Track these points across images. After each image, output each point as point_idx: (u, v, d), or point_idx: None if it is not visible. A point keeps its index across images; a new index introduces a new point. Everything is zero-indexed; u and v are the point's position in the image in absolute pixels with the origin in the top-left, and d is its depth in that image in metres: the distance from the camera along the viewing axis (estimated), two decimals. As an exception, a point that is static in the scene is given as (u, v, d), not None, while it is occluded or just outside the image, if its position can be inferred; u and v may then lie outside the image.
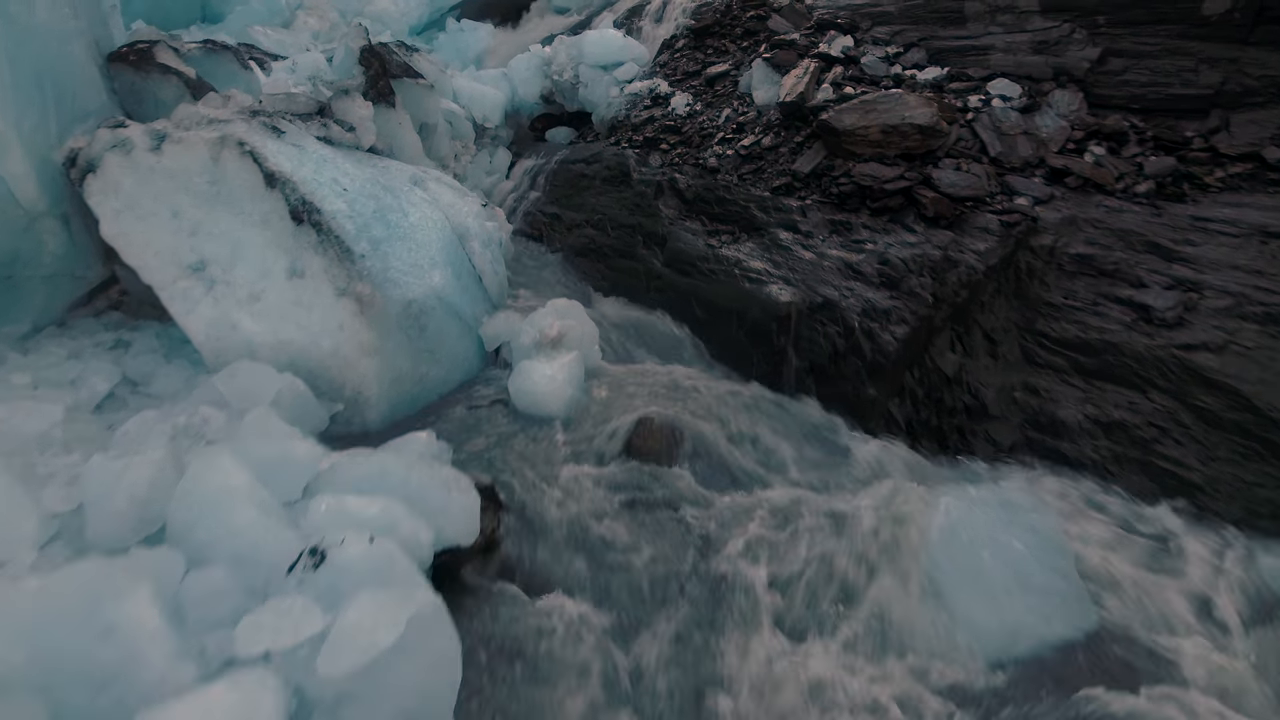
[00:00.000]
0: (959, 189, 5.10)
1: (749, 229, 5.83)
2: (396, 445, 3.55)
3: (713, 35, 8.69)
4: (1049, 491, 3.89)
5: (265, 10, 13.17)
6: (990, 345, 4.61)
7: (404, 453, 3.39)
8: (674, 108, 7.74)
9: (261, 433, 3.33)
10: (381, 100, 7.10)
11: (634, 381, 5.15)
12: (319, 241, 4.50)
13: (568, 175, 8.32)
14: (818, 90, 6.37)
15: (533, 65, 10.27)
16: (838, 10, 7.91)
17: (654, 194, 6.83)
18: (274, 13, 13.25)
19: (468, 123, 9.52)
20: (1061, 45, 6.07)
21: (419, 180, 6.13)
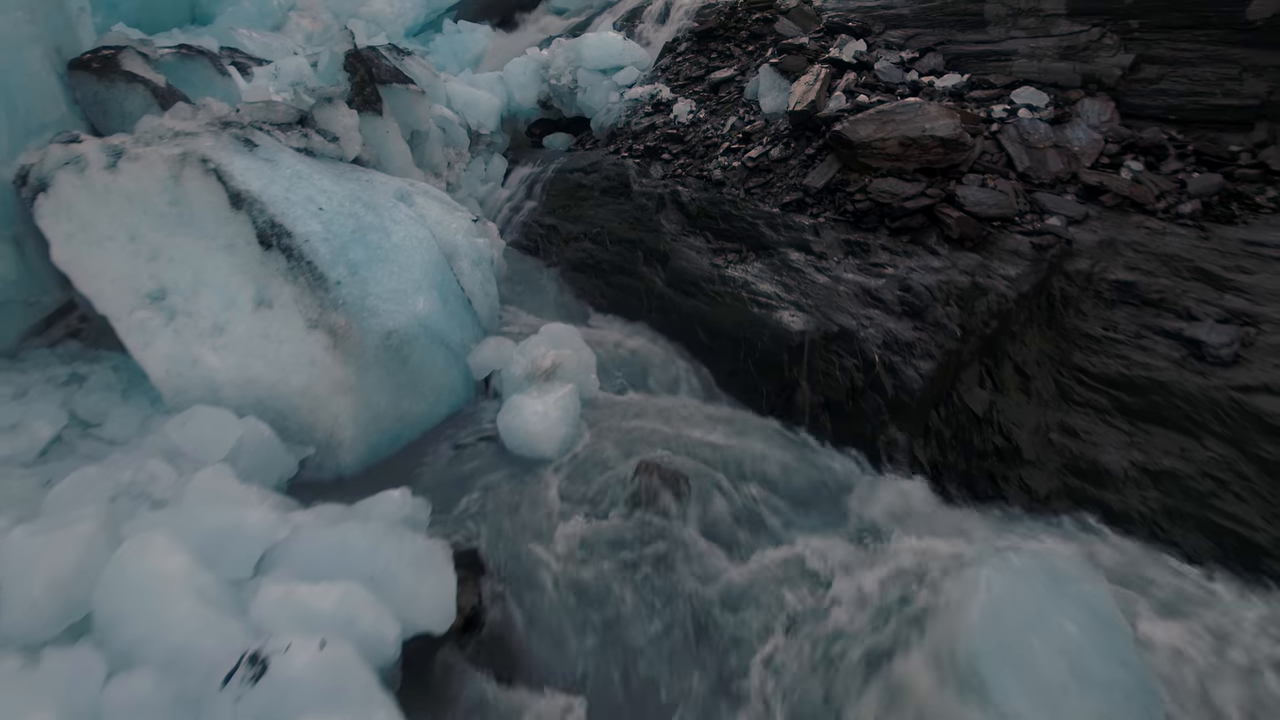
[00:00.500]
0: (985, 208, 4.67)
1: (757, 248, 5.41)
2: (366, 508, 3.13)
3: (717, 38, 8.26)
4: (1095, 552, 3.47)
5: (256, 12, 12.74)
6: (1023, 380, 4.19)
7: (372, 519, 2.97)
8: (676, 115, 7.31)
9: (211, 496, 2.91)
10: (368, 108, 6.68)
11: (634, 415, 4.73)
12: (289, 268, 4.08)
13: (565, 185, 7.90)
14: (829, 98, 5.94)
15: (529, 69, 9.84)
16: (848, 13, 7.48)
17: (655, 207, 6.40)
18: (265, 14, 12.82)
19: (462, 129, 9.09)
20: (1091, 51, 5.64)
21: (405, 195, 5.71)
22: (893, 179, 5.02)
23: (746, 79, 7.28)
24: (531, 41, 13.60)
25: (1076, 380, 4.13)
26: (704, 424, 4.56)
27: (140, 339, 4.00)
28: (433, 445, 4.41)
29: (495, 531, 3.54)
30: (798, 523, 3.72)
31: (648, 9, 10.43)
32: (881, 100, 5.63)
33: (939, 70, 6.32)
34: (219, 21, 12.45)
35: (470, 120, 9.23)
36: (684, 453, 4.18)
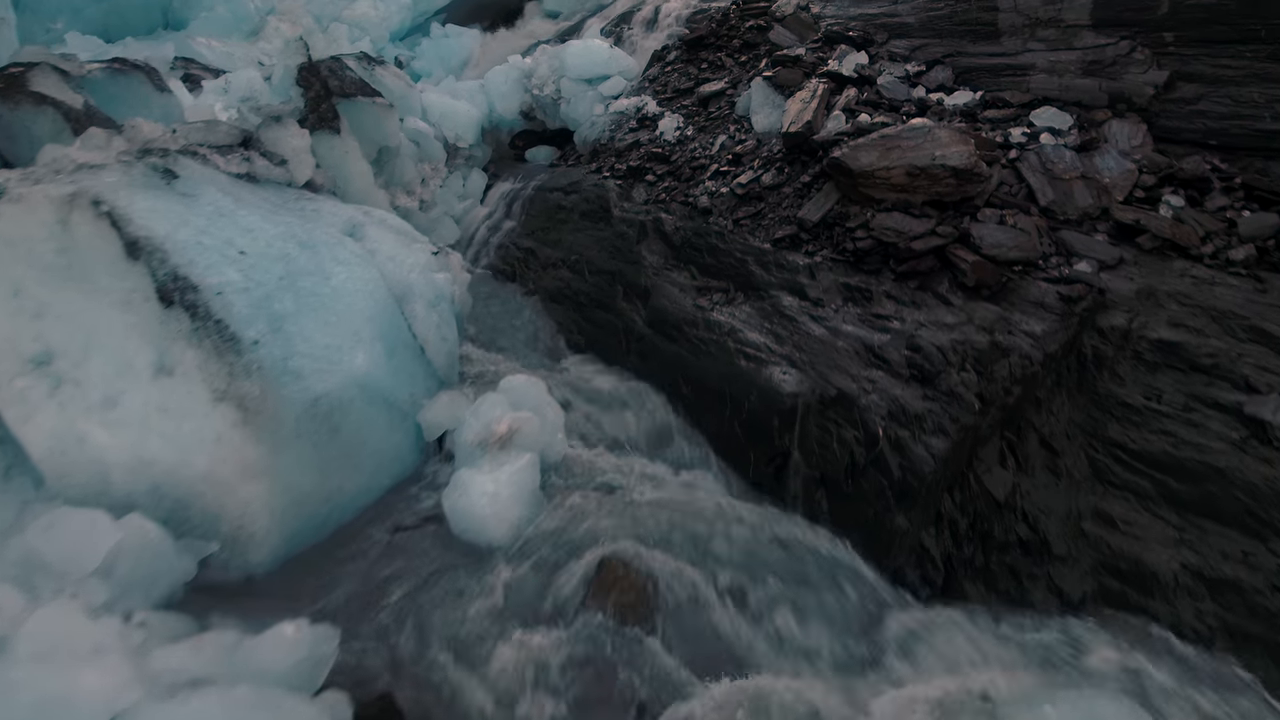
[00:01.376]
0: (1005, 250, 4.03)
1: (745, 288, 4.76)
2: (247, 654, 2.49)
3: (708, 47, 7.60)
4: (1146, 680, 2.83)
5: (231, 17, 12.10)
6: (1050, 457, 3.55)
7: (246, 680, 2.33)
8: (662, 132, 6.66)
9: (47, 648, 2.29)
10: (324, 126, 6.04)
11: (603, 485, 4.10)
12: (193, 329, 3.44)
13: (545, 205, 7.26)
14: (827, 118, 5.29)
15: (511, 78, 9.20)
16: (848, 20, 6.82)
17: (637, 236, 5.76)
18: (241, 19, 12.19)
19: (438, 143, 8.45)
20: (1119, 66, 4.98)
21: (356, 226, 5.06)
22: (898, 214, 4.37)
23: (738, 92, 6.62)
24: (520, 46, 12.95)
25: (1113, 458, 3.49)
26: (682, 499, 3.93)
27: (20, 411, 3.37)
28: (368, 527, 3.78)
29: (419, 656, 2.91)
30: (786, 639, 3.08)
31: (637, 14, 9.77)
32: (886, 122, 4.98)
33: (948, 86, 5.66)
34: (193, 27, 11.82)
35: (448, 133, 8.58)
36: (656, 537, 3.54)
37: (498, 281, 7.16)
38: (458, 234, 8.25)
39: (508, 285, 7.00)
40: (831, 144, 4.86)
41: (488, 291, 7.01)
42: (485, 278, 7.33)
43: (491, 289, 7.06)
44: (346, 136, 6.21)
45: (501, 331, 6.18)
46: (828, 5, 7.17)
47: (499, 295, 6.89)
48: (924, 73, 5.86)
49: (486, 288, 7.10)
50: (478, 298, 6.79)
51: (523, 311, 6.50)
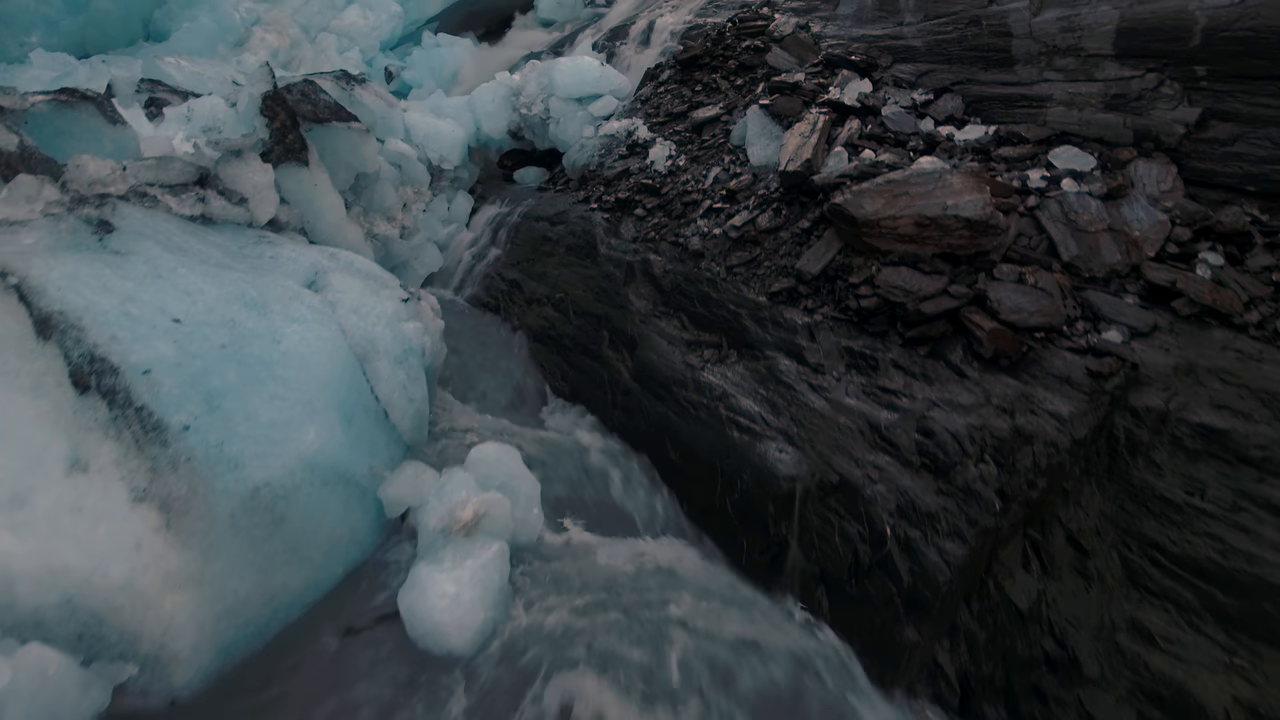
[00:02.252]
0: (1025, 315, 3.59)
1: (739, 345, 4.33)
2: None
3: (702, 67, 7.15)
4: None
5: (216, 27, 11.65)
6: (1079, 557, 3.12)
7: None
8: (653, 161, 6.22)
9: None
10: (290, 158, 5.60)
11: (581, 575, 3.68)
12: (111, 418, 3.02)
13: (531, 234, 6.83)
14: (828, 154, 4.85)
15: (499, 96, 8.75)
16: (850, 42, 6.37)
17: (624, 278, 5.33)
18: (226, 30, 11.74)
19: (421, 165, 8.01)
20: (1145, 101, 4.54)
21: (319, 273, 4.63)
22: (906, 269, 3.94)
23: (733, 119, 6.18)
24: (513, 57, 12.52)
25: (1150, 560, 3.06)
26: (668, 593, 3.51)
27: (-85, 511, 2.94)
28: (316, 627, 3.36)
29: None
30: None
31: (630, 28, 9.32)
32: (893, 164, 4.53)
33: (958, 117, 5.22)
34: (176, 38, 11.37)
35: (432, 154, 8.15)
36: (634, 662, 3.12)
37: (481, 314, 6.74)
38: (441, 261, 7.83)
39: (491, 319, 6.58)
40: (833, 187, 4.42)
41: (470, 326, 6.59)
42: (468, 310, 6.92)
43: (474, 323, 6.65)
44: (315, 168, 5.77)
45: (482, 374, 5.76)
46: (828, 25, 6.72)
47: (481, 330, 6.47)
48: (932, 102, 5.41)
49: (469, 321, 6.69)
50: (459, 332, 6.38)
51: (505, 351, 6.08)
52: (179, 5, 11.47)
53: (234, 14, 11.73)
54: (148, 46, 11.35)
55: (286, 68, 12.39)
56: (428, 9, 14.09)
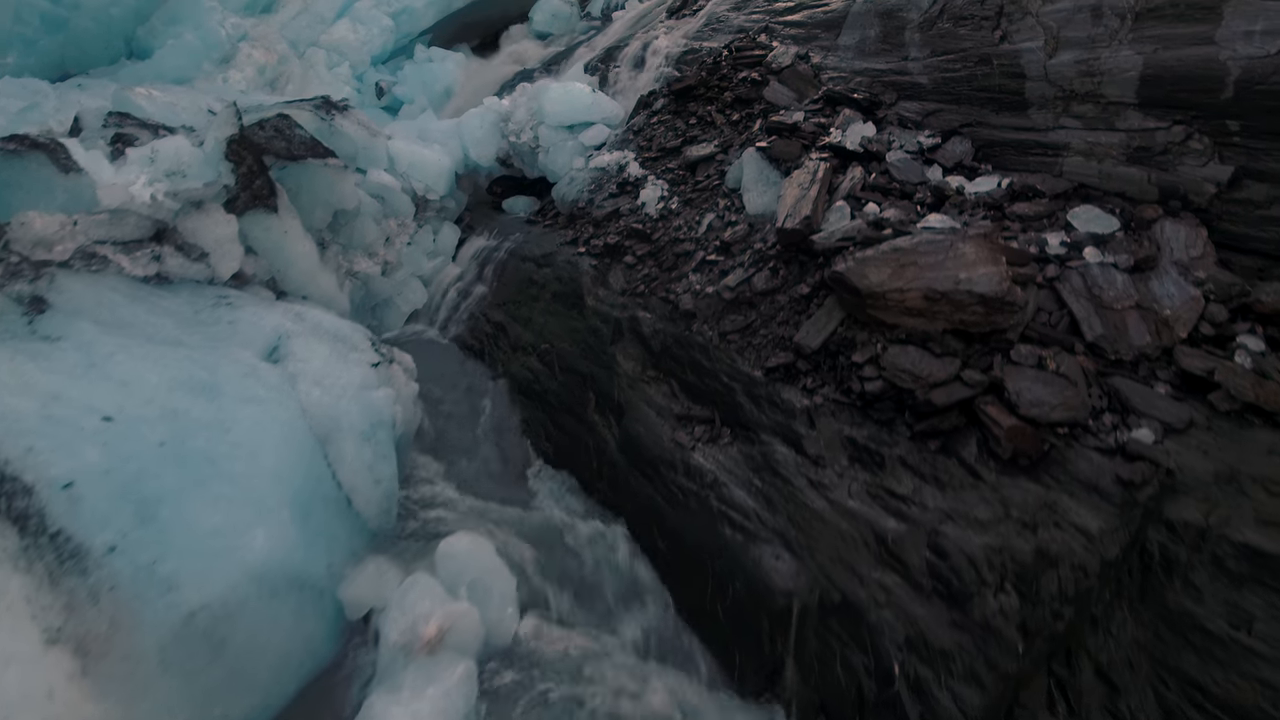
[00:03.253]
0: (1047, 408, 3.22)
1: (732, 423, 3.97)
2: None
3: (697, 98, 6.77)
4: None
5: (201, 45, 11.27)
6: (1110, 694, 2.76)
7: None
8: (644, 203, 5.85)
9: None
10: (258, 205, 5.23)
11: (559, 688, 3.32)
12: (21, 546, 2.66)
13: (518, 274, 6.46)
14: (829, 208, 4.48)
15: (488, 122, 8.37)
16: (852, 75, 5.99)
17: (611, 335, 4.96)
18: (211, 46, 11.35)
19: (406, 196, 7.64)
20: (1172, 156, 4.16)
21: (282, 338, 4.27)
22: (914, 349, 3.57)
23: (729, 159, 5.80)
24: (506, 74, 12.14)
25: (1190, 701, 2.70)
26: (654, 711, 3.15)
27: None
28: (261, 764, 2.99)
29: None
30: None
31: (624, 50, 8.93)
32: (899, 221, 4.16)
33: (967, 163, 4.84)
34: (159, 56, 11.00)
35: (416, 184, 7.77)
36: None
37: (464, 359, 6.38)
38: (425, 297, 7.47)
39: (474, 365, 6.22)
40: (834, 251, 4.05)
41: (452, 372, 6.23)
42: (451, 352, 6.55)
43: (457, 368, 6.29)
44: (286, 214, 5.40)
45: (460, 433, 5.39)
46: (829, 56, 6.34)
47: (463, 378, 6.11)
48: (939, 146, 5.04)
49: (451, 366, 6.33)
50: (441, 378, 6.02)
51: (487, 404, 5.71)
52: (162, 22, 11.09)
53: (220, 30, 11.35)
54: (130, 65, 10.99)
55: (274, 85, 12.03)
56: (420, 22, 13.70)
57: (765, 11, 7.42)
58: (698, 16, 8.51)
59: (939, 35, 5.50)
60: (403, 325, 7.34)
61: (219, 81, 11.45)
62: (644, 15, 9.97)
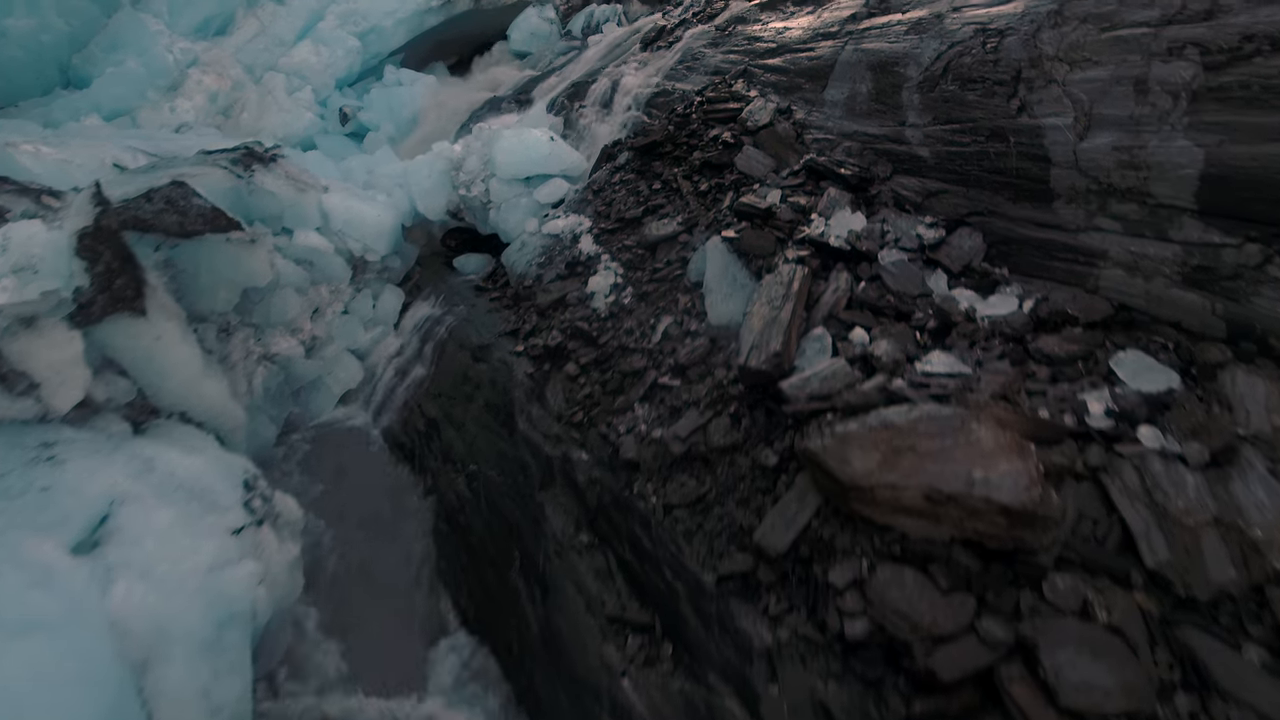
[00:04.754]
0: (1098, 696, 2.23)
1: (675, 640, 2.98)
2: None
3: (663, 157, 5.75)
4: None
5: (145, 72, 10.25)
6: None
7: None
8: (593, 293, 4.84)
9: None
10: (120, 308, 4.24)
11: None
12: None
13: (455, 364, 5.47)
14: (805, 336, 3.47)
15: (436, 171, 7.35)
16: (839, 139, 4.96)
17: (541, 478, 3.97)
18: (157, 73, 10.33)
19: (340, 259, 6.65)
20: (1244, 283, 3.15)
21: (109, 512, 3.27)
22: (911, 573, 2.57)
23: (694, 240, 4.79)
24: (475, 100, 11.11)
25: None
26: None
27: None
28: None
29: None
30: None
31: (592, 87, 7.90)
32: (891, 362, 3.15)
33: (977, 265, 3.83)
34: (98, 86, 9.98)
35: (354, 244, 6.77)
36: None
37: (393, 461, 5.41)
38: (360, 374, 6.48)
39: (403, 472, 5.25)
40: (807, 416, 3.04)
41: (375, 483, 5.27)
42: (378, 452, 5.58)
43: (382, 477, 5.32)
44: (158, 317, 4.40)
45: (369, 579, 4.40)
46: (813, 112, 5.31)
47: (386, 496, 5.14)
48: (944, 241, 4.02)
49: (376, 474, 5.37)
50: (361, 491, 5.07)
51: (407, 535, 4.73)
52: (101, 48, 10.07)
53: (166, 56, 10.32)
54: (65, 96, 9.99)
55: (226, 113, 11.01)
56: (390, 41, 12.63)
57: (745, 51, 6.39)
58: (673, 50, 7.48)
59: (943, 99, 4.47)
60: (334, 408, 6.36)
61: (166, 111, 10.45)
62: (620, 43, 8.93)
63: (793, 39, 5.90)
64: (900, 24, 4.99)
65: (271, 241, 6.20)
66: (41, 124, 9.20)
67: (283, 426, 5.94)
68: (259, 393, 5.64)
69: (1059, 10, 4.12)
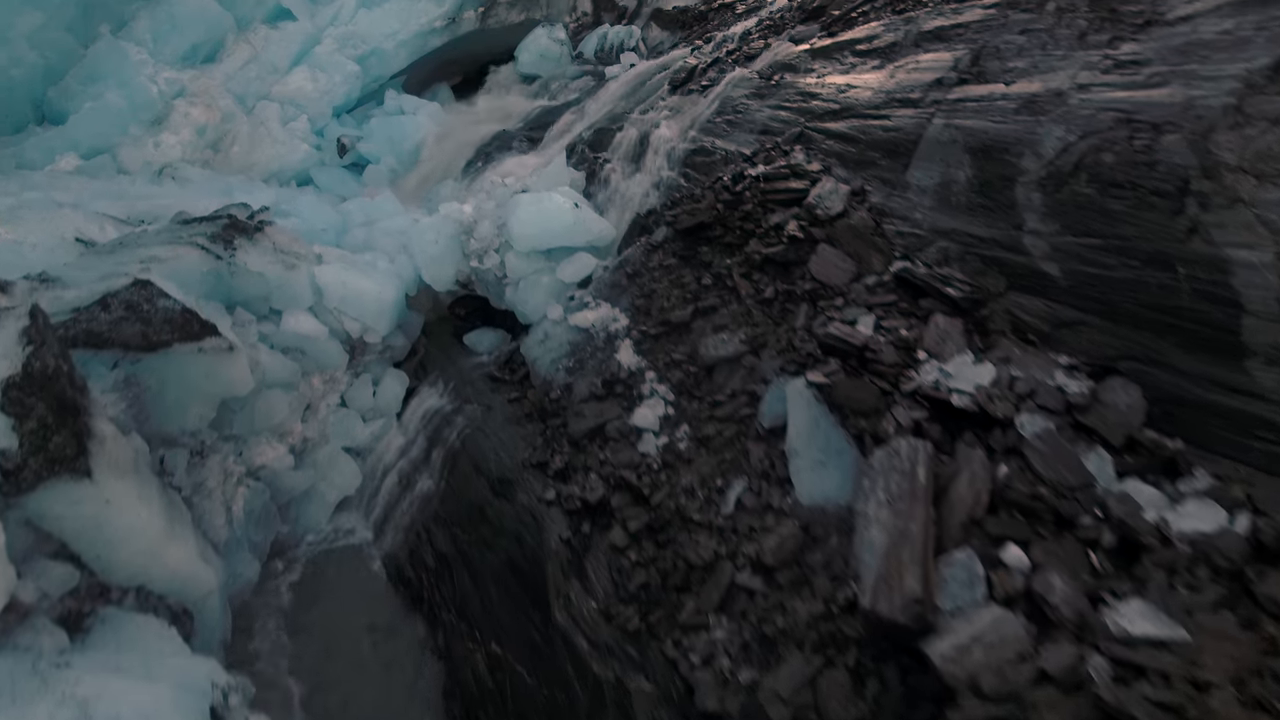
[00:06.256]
0: None
1: None
2: None
3: (712, 242, 4.80)
4: None
5: (128, 105, 9.23)
6: None
7: None
8: (639, 428, 3.90)
9: None
10: (59, 472, 3.29)
11: None
12: None
13: (471, 489, 4.54)
14: (946, 559, 2.53)
15: (444, 236, 6.37)
16: (932, 236, 4.01)
17: (589, 707, 3.03)
18: (141, 107, 9.30)
19: (335, 343, 5.70)
20: None
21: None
22: None
23: (762, 366, 3.85)
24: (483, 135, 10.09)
25: None
26: None
27: None
28: None
29: None
30: None
31: (618, 136, 6.91)
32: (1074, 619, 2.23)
33: (1145, 441, 2.91)
34: (75, 122, 8.96)
35: (351, 324, 5.81)
36: None
37: (395, 598, 4.50)
38: (358, 478, 5.54)
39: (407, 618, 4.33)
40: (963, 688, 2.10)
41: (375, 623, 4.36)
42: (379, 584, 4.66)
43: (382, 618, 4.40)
44: (106, 477, 3.45)
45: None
46: (893, 196, 4.36)
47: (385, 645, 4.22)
48: (1094, 397, 3.08)
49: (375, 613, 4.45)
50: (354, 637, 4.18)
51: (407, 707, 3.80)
52: (79, 81, 9.03)
53: (150, 87, 9.29)
54: (40, 133, 8.98)
55: (216, 148, 10.00)
56: (391, 65, 11.61)
57: (799, 109, 5.42)
58: (708, 98, 6.50)
59: (1075, 204, 3.52)
60: (330, 519, 5.42)
61: (149, 147, 9.44)
62: (642, 81, 7.94)
63: (861, 101, 4.94)
64: (1006, 99, 4.03)
65: (256, 329, 5.27)
66: (14, 165, 8.22)
67: (271, 549, 5.01)
68: (240, 520, 4.70)
69: (1238, 106, 3.16)
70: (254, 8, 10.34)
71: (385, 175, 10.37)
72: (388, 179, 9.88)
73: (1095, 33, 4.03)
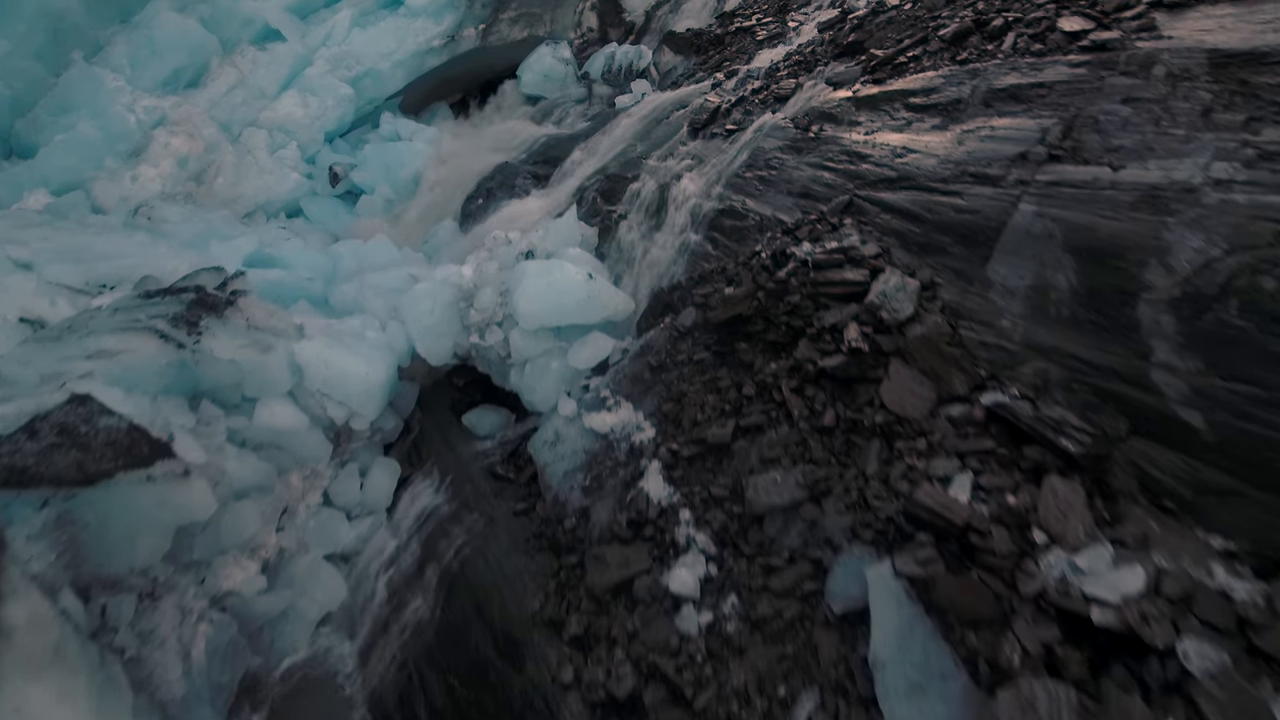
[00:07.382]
0: None
1: None
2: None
3: (752, 338, 4.02)
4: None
5: (103, 136, 8.42)
6: None
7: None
8: (676, 596, 3.13)
9: None
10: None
11: None
12: None
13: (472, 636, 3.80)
14: None
15: (440, 304, 5.58)
16: (1024, 355, 3.24)
17: None
18: (117, 138, 8.50)
19: (317, 433, 4.94)
20: None
21: None
22: None
23: (825, 518, 3.08)
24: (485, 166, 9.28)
25: None
26: None
27: None
28: None
29: None
30: None
31: (632, 186, 6.13)
32: None
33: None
34: (45, 155, 8.15)
35: (335, 409, 5.04)
36: None
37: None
38: (343, 592, 4.77)
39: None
40: None
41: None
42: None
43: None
44: (16, 683, 2.71)
45: None
46: (969, 294, 3.60)
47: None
48: (1269, 607, 2.32)
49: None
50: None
51: None
52: (49, 112, 8.22)
53: (127, 116, 8.47)
54: (8, 168, 8.16)
55: (199, 180, 9.18)
56: (387, 86, 10.80)
57: (845, 172, 4.64)
58: (735, 145, 5.72)
59: (1224, 339, 2.75)
60: (310, 639, 4.65)
61: (126, 181, 8.64)
62: (657, 119, 7.14)
63: (923, 170, 4.16)
64: (1117, 189, 3.26)
65: (225, 425, 4.50)
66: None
67: (240, 685, 4.24)
68: (200, 665, 3.94)
69: None
70: (240, 29, 9.51)
71: (380, 206, 9.58)
72: (383, 210, 9.08)
73: (1224, 110, 3.24)
